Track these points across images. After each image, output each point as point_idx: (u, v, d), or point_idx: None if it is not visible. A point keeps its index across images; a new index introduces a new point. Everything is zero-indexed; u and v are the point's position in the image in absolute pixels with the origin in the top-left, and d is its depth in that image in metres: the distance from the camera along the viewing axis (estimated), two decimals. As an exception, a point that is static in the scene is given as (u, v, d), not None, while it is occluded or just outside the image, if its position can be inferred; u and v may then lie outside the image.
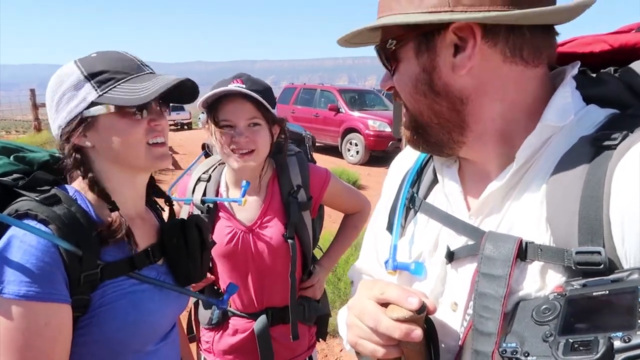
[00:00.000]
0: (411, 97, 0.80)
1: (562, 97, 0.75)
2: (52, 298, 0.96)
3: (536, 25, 0.74)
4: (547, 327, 0.59)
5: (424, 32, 0.75)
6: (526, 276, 0.69)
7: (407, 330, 0.68)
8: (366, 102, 13.75)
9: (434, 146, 0.83)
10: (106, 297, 1.05)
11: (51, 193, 1.04)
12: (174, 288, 1.21)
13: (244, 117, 1.59)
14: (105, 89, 1.06)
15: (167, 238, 1.24)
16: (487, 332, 0.66)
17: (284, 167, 1.76)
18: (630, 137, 0.65)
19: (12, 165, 1.10)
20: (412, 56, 0.77)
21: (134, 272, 1.11)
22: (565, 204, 0.65)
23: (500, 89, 0.76)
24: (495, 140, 0.78)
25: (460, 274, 0.79)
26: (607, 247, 0.61)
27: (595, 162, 0.65)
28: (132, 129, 1.08)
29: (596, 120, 0.73)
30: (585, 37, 0.86)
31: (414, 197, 0.93)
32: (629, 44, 0.79)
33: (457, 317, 0.78)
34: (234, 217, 1.71)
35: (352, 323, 0.77)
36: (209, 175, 1.77)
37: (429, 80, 0.77)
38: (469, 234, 0.79)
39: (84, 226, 1.02)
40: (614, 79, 0.78)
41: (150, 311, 1.12)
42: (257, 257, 1.68)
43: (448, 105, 0.78)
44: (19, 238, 0.96)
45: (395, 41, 0.78)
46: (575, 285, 0.61)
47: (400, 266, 0.87)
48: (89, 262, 1.02)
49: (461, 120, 0.78)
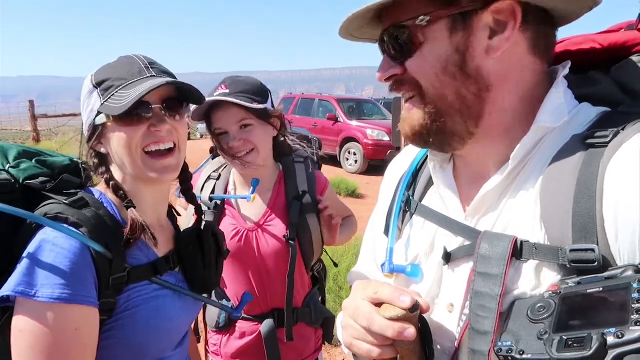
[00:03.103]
0: (437, 79, 0.76)
1: (556, 98, 0.76)
2: (84, 301, 0.96)
3: (548, 21, 0.76)
4: (542, 325, 0.59)
5: (462, 10, 0.73)
6: (521, 275, 0.70)
7: (400, 329, 0.68)
8: (364, 111, 13.79)
9: (443, 138, 0.80)
10: (131, 301, 1.05)
11: (79, 196, 1.04)
12: (193, 295, 1.21)
13: (232, 121, 1.62)
14: (106, 97, 1.07)
15: (183, 245, 1.24)
16: (484, 330, 0.67)
17: (291, 170, 1.78)
18: (621, 135, 0.66)
19: (37, 169, 1.11)
20: (444, 35, 0.74)
21: (156, 277, 1.12)
22: (558, 203, 0.66)
23: (519, 80, 0.77)
24: (499, 135, 0.79)
25: (457, 274, 0.80)
26: (601, 244, 0.62)
27: (587, 161, 0.66)
28: (129, 136, 1.07)
29: (588, 119, 0.75)
30: (575, 37, 0.87)
31: (410, 199, 0.93)
32: (618, 43, 0.80)
33: (454, 317, 0.78)
34: (240, 215, 1.73)
35: (347, 324, 0.77)
36: (218, 174, 1.79)
37: (461, 61, 0.75)
38: (465, 235, 0.79)
39: (112, 229, 1.03)
40: (605, 78, 0.79)
41: (172, 317, 1.13)
42: (260, 256, 1.70)
43: (475, 91, 0.76)
44: (51, 241, 0.96)
45: (428, 17, 0.74)
46: (570, 283, 0.62)
47: (396, 269, 0.87)
48: (117, 265, 1.02)
49: (481, 109, 0.77)
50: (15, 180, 1.05)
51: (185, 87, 1.11)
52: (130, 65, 1.11)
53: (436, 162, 0.90)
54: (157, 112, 1.09)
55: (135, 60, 1.12)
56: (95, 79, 1.10)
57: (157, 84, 1.03)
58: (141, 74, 1.09)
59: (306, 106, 13.78)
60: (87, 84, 1.12)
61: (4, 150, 1.12)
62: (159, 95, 1.08)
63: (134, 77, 1.08)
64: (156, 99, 1.08)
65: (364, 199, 8.77)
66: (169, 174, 1.12)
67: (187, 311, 1.21)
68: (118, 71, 1.09)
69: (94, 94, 1.09)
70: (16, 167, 1.08)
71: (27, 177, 1.06)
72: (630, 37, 0.79)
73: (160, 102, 1.08)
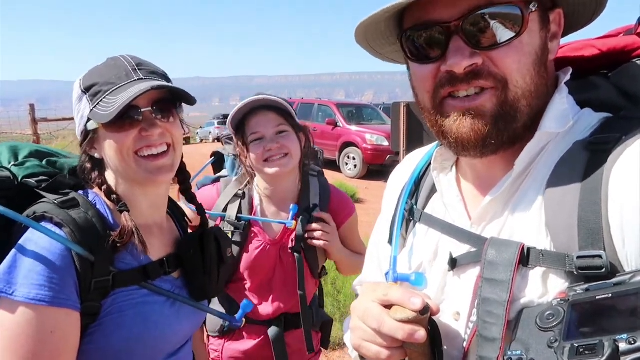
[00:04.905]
0: (528, 72, 0.72)
1: (560, 104, 0.75)
2: (61, 303, 0.94)
3: None
4: (552, 333, 0.59)
5: (544, 5, 0.73)
6: (528, 282, 0.69)
7: (410, 331, 0.68)
8: (363, 116, 13.84)
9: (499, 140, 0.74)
10: (115, 306, 1.03)
11: (70, 197, 1.04)
12: (187, 302, 1.17)
13: (270, 126, 1.68)
14: (95, 103, 1.05)
15: (183, 249, 1.21)
16: (492, 337, 0.66)
17: (306, 184, 1.82)
18: (623, 141, 0.66)
19: (41, 168, 1.10)
20: (537, 27, 0.73)
21: (146, 282, 1.09)
22: (563, 209, 0.66)
23: (550, 86, 0.78)
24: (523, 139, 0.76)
25: (462, 280, 0.79)
26: (608, 250, 0.61)
27: (591, 167, 0.66)
28: (120, 141, 1.06)
29: (590, 125, 0.74)
30: (574, 42, 0.87)
31: (413, 208, 0.92)
32: (617, 48, 0.80)
33: (460, 326, 0.78)
34: (264, 232, 1.77)
35: (356, 326, 0.76)
36: (243, 192, 1.80)
37: (545, 57, 0.74)
38: (471, 242, 0.79)
39: (98, 231, 1.01)
40: (606, 83, 0.79)
41: (158, 325, 1.09)
42: (279, 268, 1.75)
43: (547, 91, 0.76)
44: (34, 241, 0.96)
45: (537, 4, 0.71)
46: (578, 290, 0.61)
47: (400, 277, 0.86)
48: (100, 269, 1.00)
49: (541, 110, 0.75)
50: (14, 178, 1.05)
51: (173, 91, 1.09)
52: (117, 68, 1.08)
53: (439, 170, 0.89)
54: (148, 116, 1.06)
55: (122, 62, 1.10)
56: (83, 84, 1.09)
57: (144, 89, 1.01)
58: (128, 77, 1.07)
59: (305, 111, 13.81)
60: (76, 88, 1.11)
61: (15, 149, 1.13)
62: (149, 98, 1.06)
63: (121, 80, 1.06)
64: (146, 102, 1.06)
65: (363, 204, 8.77)
66: (164, 174, 1.10)
67: (181, 319, 1.16)
68: (105, 75, 1.07)
69: (84, 100, 1.08)
70: (20, 165, 1.08)
71: (26, 176, 1.06)
72: (628, 41, 0.80)
73: (151, 105, 1.06)
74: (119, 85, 1.05)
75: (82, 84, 1.09)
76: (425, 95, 0.78)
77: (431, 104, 0.78)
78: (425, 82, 0.77)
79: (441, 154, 0.89)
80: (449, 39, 0.71)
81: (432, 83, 0.76)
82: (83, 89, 1.08)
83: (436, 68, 0.74)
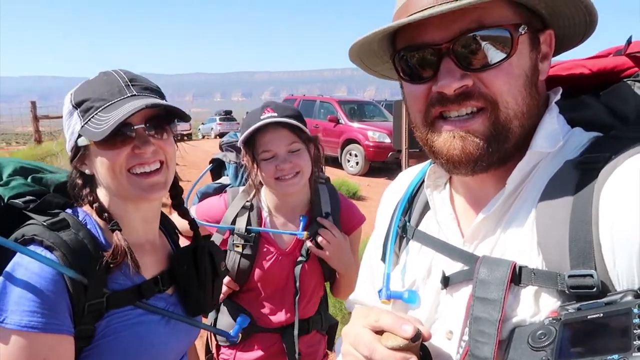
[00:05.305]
0: (519, 93, 0.73)
1: (550, 124, 0.76)
2: (54, 329, 0.92)
3: None
4: (544, 353, 0.59)
5: (534, 27, 0.74)
6: (520, 301, 0.69)
7: (402, 359, 0.68)
8: (365, 113, 13.81)
9: (490, 160, 0.75)
10: (110, 328, 1.01)
11: (60, 217, 1.00)
12: (183, 319, 1.15)
13: (283, 144, 1.62)
14: (86, 119, 1.03)
15: (176, 265, 1.18)
16: (483, 357, 0.66)
17: (317, 192, 1.79)
18: (613, 160, 0.67)
19: (27, 187, 1.07)
20: (527, 49, 0.73)
21: (141, 301, 1.06)
22: (554, 228, 0.66)
23: (541, 105, 0.79)
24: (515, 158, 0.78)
25: (455, 299, 0.79)
26: (599, 269, 0.62)
27: (581, 186, 0.67)
28: (112, 159, 1.03)
29: (580, 144, 0.75)
30: (565, 62, 0.88)
31: (406, 225, 0.93)
32: (607, 68, 0.81)
33: (453, 345, 0.78)
34: (275, 243, 1.75)
35: (347, 351, 0.76)
36: (250, 203, 1.77)
37: (535, 78, 0.75)
38: (463, 260, 0.79)
39: (90, 253, 0.98)
40: (596, 103, 0.80)
41: (154, 344, 1.07)
42: (292, 278, 1.73)
43: (539, 111, 0.77)
44: (24, 265, 0.93)
45: (526, 27, 0.72)
46: (570, 309, 0.62)
47: (393, 295, 0.87)
48: (94, 291, 0.98)
49: (532, 130, 0.77)
50: (0, 199, 1.02)
51: (167, 108, 1.07)
52: (109, 84, 1.06)
53: (432, 187, 0.90)
54: (141, 133, 1.04)
55: (115, 77, 1.08)
56: (74, 99, 1.06)
57: (138, 107, 0.99)
58: (121, 94, 1.05)
59: (307, 108, 13.80)
60: (67, 103, 1.08)
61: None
62: (142, 116, 1.04)
63: (114, 97, 1.04)
64: (139, 120, 1.03)
65: (365, 201, 8.77)
66: (156, 192, 1.08)
67: (177, 336, 1.15)
68: (97, 90, 1.06)
69: (74, 115, 1.05)
70: (5, 184, 1.05)
71: (13, 196, 1.03)
72: (618, 62, 0.81)
73: (144, 122, 1.04)
74: (112, 102, 1.03)
75: (73, 99, 1.06)
76: (417, 114, 0.80)
77: (423, 123, 0.79)
78: (417, 102, 0.78)
79: (434, 172, 0.90)
80: (440, 61, 0.72)
81: (424, 103, 0.77)
82: (74, 104, 1.06)
83: (428, 88, 0.76)
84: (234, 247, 1.71)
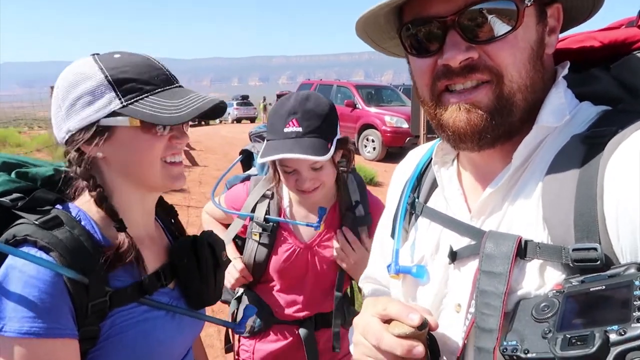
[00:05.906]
0: (523, 66, 0.73)
1: (557, 98, 0.76)
2: (57, 334, 0.88)
3: None
4: (546, 324, 0.60)
5: (541, 0, 0.74)
6: (525, 274, 0.70)
7: (408, 346, 0.69)
8: (383, 97, 13.70)
9: (496, 134, 0.75)
10: (115, 327, 0.97)
11: (52, 215, 0.94)
12: (188, 313, 1.13)
13: (305, 164, 1.54)
14: (130, 100, 0.98)
15: (177, 258, 1.15)
16: (489, 328, 0.68)
17: (344, 184, 1.74)
18: (619, 134, 0.66)
19: (13, 183, 1.01)
20: (533, 22, 0.74)
21: (144, 297, 1.03)
22: (560, 203, 0.67)
23: (548, 79, 0.78)
24: (521, 132, 0.78)
25: (462, 273, 0.81)
26: (603, 243, 0.62)
27: (587, 160, 0.67)
28: (151, 146, 1.01)
29: (588, 118, 0.75)
30: (576, 34, 0.86)
31: (415, 202, 0.94)
32: (618, 40, 0.80)
33: (460, 317, 0.79)
34: (294, 235, 1.71)
35: (358, 341, 0.78)
36: (271, 192, 1.74)
37: (541, 51, 0.76)
38: (471, 235, 0.80)
39: (89, 251, 0.94)
40: (605, 76, 0.79)
41: (161, 341, 1.05)
42: (313, 272, 1.71)
43: (544, 85, 0.77)
44: (18, 268, 0.88)
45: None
46: (574, 282, 0.63)
47: (402, 270, 0.88)
48: (96, 290, 0.93)
49: (539, 104, 0.77)
50: None
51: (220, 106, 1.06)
52: (150, 69, 1.03)
53: (440, 164, 0.90)
54: (178, 125, 1.04)
55: (154, 64, 1.04)
56: (111, 76, 0.99)
57: (215, 101, 1.01)
58: (169, 83, 1.04)
59: (324, 92, 13.74)
60: (94, 77, 0.98)
61: None
62: None
63: (163, 84, 1.02)
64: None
65: (382, 187, 8.74)
66: (182, 180, 1.09)
67: (182, 331, 1.13)
68: (140, 73, 1.01)
69: (109, 92, 0.98)
70: None
71: None
72: (630, 34, 0.79)
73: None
74: (163, 89, 1.02)
75: (110, 76, 0.98)
76: (424, 89, 0.80)
77: (429, 97, 0.79)
78: (424, 76, 0.79)
79: (442, 148, 0.91)
80: (445, 33, 0.73)
81: (430, 76, 0.77)
82: (111, 80, 0.98)
83: (433, 62, 0.76)
84: (252, 235, 1.70)
